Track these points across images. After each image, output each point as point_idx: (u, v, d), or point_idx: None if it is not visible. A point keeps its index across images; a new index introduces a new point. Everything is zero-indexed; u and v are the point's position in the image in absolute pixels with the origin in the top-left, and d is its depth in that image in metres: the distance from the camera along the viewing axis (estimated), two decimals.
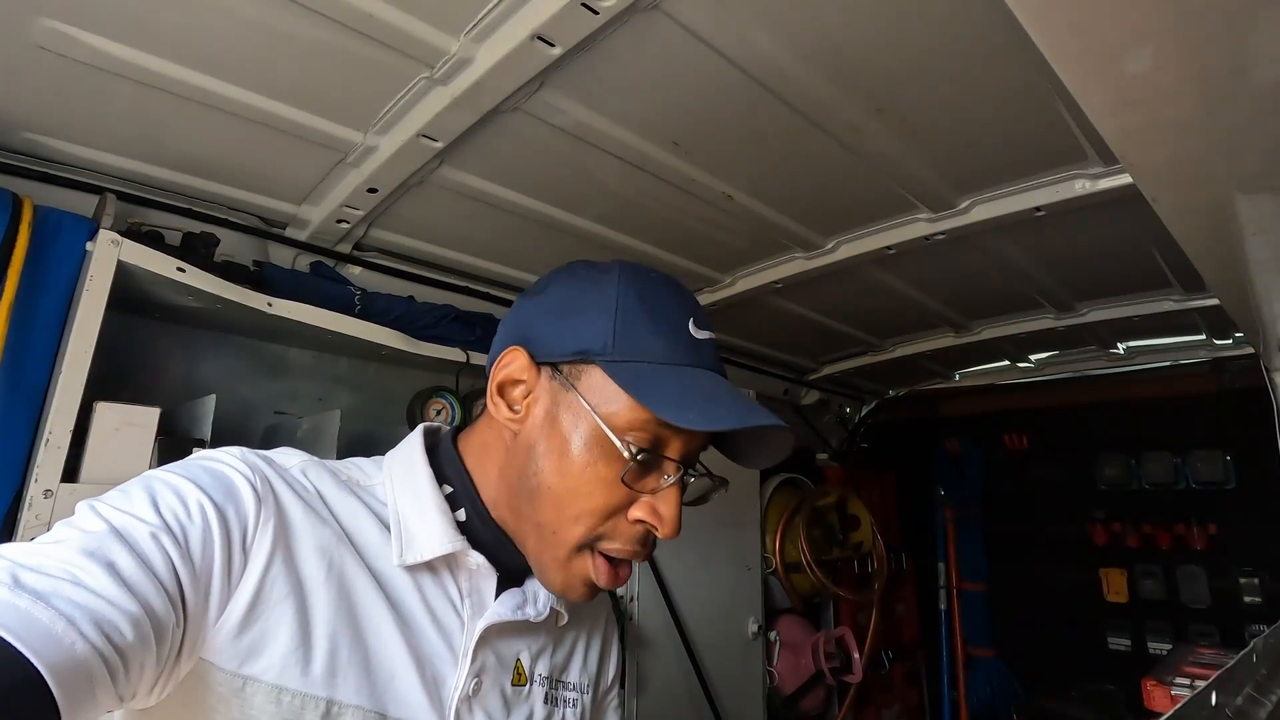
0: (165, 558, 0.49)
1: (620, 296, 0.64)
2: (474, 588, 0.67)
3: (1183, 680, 1.57)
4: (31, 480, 1.10)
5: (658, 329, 0.64)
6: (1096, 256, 1.94)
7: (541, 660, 0.73)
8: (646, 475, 0.64)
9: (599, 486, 0.62)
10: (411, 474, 0.68)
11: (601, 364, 0.62)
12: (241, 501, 0.56)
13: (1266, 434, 1.72)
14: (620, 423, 0.62)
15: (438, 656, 0.63)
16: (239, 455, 0.60)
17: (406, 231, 1.74)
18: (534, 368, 0.66)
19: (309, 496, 0.61)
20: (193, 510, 0.52)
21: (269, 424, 1.65)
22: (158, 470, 0.56)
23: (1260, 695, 0.72)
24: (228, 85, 1.18)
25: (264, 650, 0.54)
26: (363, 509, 0.64)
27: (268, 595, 0.55)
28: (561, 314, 0.66)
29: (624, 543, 0.64)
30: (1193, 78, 0.63)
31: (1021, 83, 1.20)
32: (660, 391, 0.61)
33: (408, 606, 0.62)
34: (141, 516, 0.50)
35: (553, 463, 0.63)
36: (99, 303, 1.20)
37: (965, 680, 3.61)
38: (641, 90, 1.25)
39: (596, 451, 0.62)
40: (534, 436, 0.65)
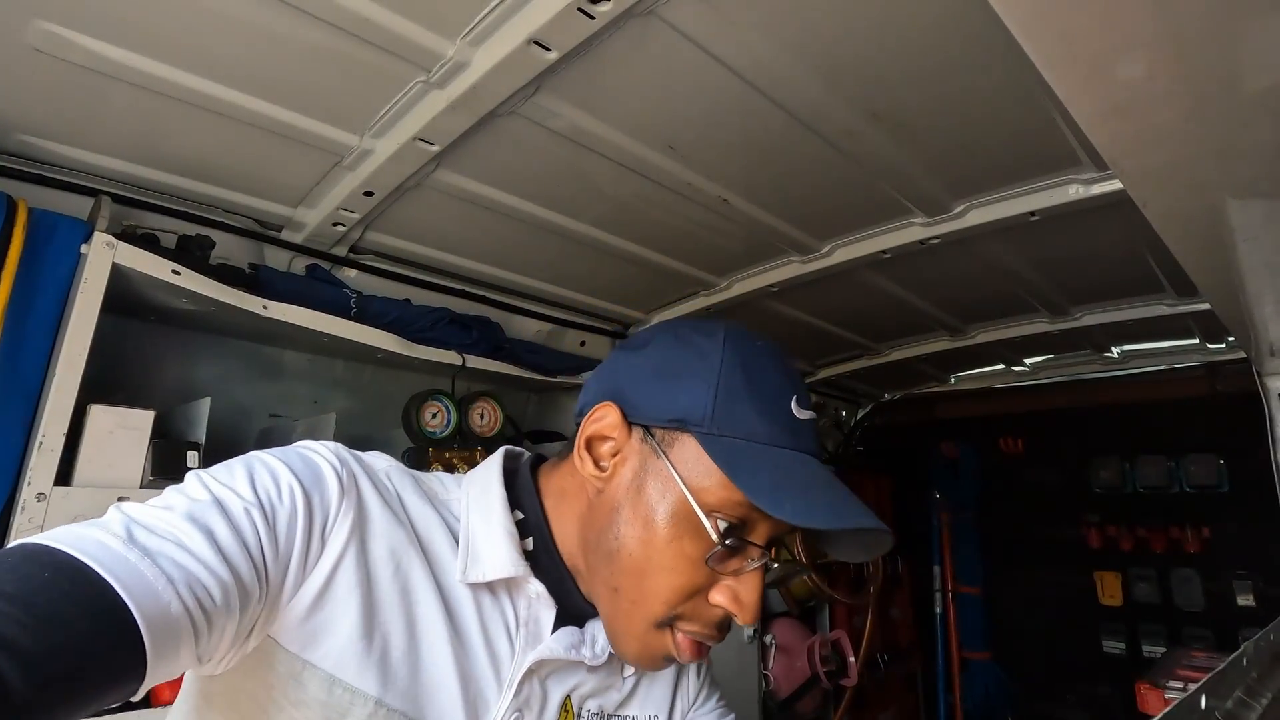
0: (255, 532, 0.51)
1: (724, 366, 0.62)
2: (532, 616, 0.66)
3: (1176, 683, 1.58)
4: (25, 483, 1.10)
5: (760, 406, 0.61)
6: (1090, 261, 1.94)
7: (594, 699, 0.70)
8: (730, 558, 0.61)
9: (682, 564, 0.60)
10: (486, 494, 0.67)
11: (697, 435, 0.60)
12: (327, 489, 0.57)
13: (1259, 438, 1.73)
14: (710, 500, 0.60)
15: (484, 680, 0.62)
16: (332, 448, 0.61)
17: (403, 234, 1.74)
18: (626, 426, 0.64)
19: (389, 497, 0.62)
20: (284, 491, 0.55)
21: (264, 427, 1.65)
22: (259, 451, 0.58)
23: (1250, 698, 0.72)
24: (224, 88, 1.18)
25: (326, 638, 0.55)
26: (437, 520, 0.65)
27: (337, 584, 0.56)
28: (662, 375, 0.64)
29: (702, 625, 0.63)
30: (1183, 85, 0.64)
31: (1015, 88, 1.20)
32: (757, 474, 0.58)
33: (464, 623, 0.62)
34: (239, 491, 0.53)
35: (636, 531, 0.62)
36: (93, 305, 1.19)
37: (961, 684, 3.61)
38: (637, 94, 1.25)
39: (684, 527, 0.60)
40: (619, 498, 0.63)
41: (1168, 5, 0.53)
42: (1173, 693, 1.56)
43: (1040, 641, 3.52)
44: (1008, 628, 3.63)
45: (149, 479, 1.23)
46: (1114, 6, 0.52)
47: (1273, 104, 0.65)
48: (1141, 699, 1.59)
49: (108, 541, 0.45)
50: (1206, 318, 2.24)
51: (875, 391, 3.57)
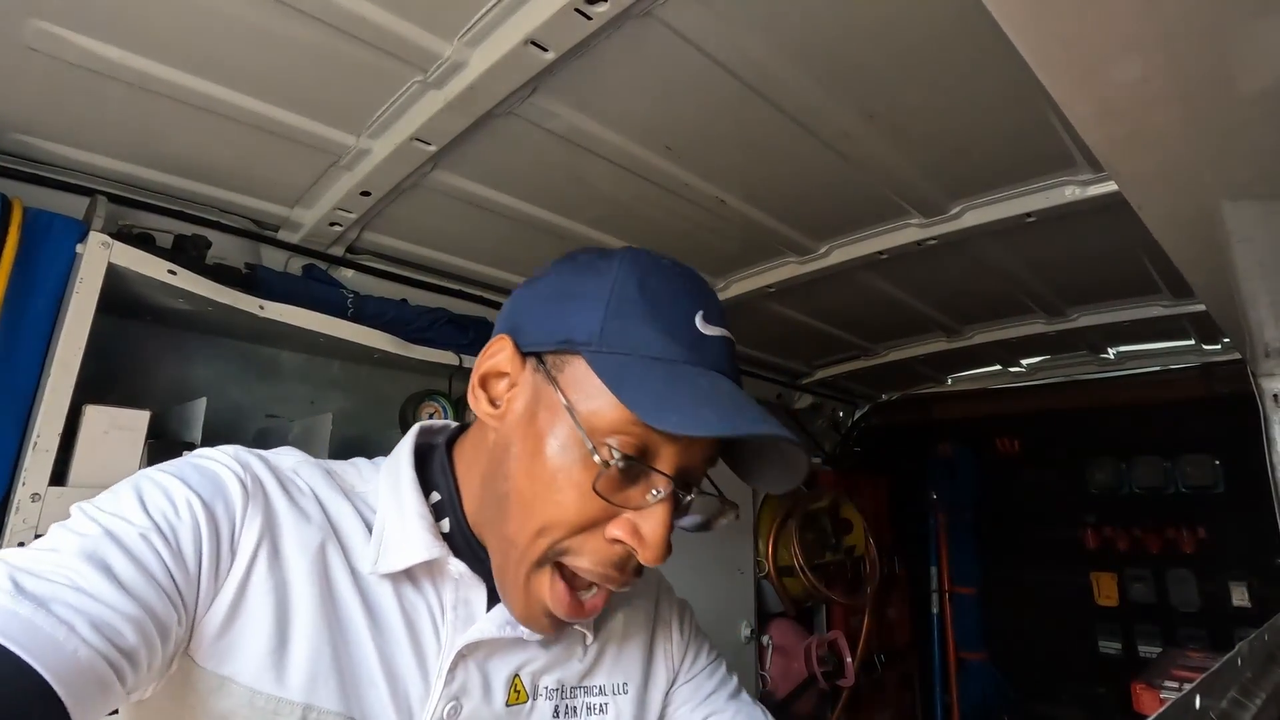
0: (157, 557, 0.49)
1: (618, 282, 0.58)
2: (461, 599, 0.61)
3: (1172, 684, 1.58)
4: (19, 484, 1.09)
5: (656, 320, 0.56)
6: (1086, 262, 1.95)
7: (550, 674, 0.65)
8: (630, 487, 0.56)
9: (572, 494, 0.55)
10: (397, 479, 0.63)
11: (586, 354, 0.56)
12: (229, 496, 0.54)
13: (1254, 438, 1.73)
14: (601, 424, 0.54)
15: (409, 675, 0.58)
16: (231, 453, 0.58)
17: (399, 235, 1.74)
18: (519, 358, 0.60)
19: (300, 495, 0.59)
20: (180, 508, 0.52)
21: (260, 427, 1.65)
22: (147, 470, 0.55)
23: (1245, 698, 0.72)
24: (220, 87, 1.18)
25: (242, 649, 0.52)
26: (351, 512, 0.61)
27: (250, 592, 0.53)
28: (555, 299, 0.60)
29: (594, 562, 0.56)
30: (1178, 87, 0.64)
31: (1012, 89, 1.21)
32: (643, 388, 0.53)
33: (386, 617, 0.58)
34: (130, 518, 0.50)
35: (524, 464, 0.57)
36: (89, 305, 1.19)
37: (957, 684, 3.62)
38: (635, 95, 1.26)
39: (574, 455, 0.55)
40: (511, 435, 0.59)
41: (1162, 8, 0.53)
42: (1168, 693, 1.57)
43: (1036, 642, 3.53)
44: (1004, 628, 3.64)
45: None
46: (1109, 9, 0.53)
47: (1267, 106, 0.65)
48: (1137, 699, 1.60)
49: None
50: (1202, 319, 2.25)
51: (872, 392, 3.58)
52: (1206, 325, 2.35)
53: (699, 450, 0.57)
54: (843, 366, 3.06)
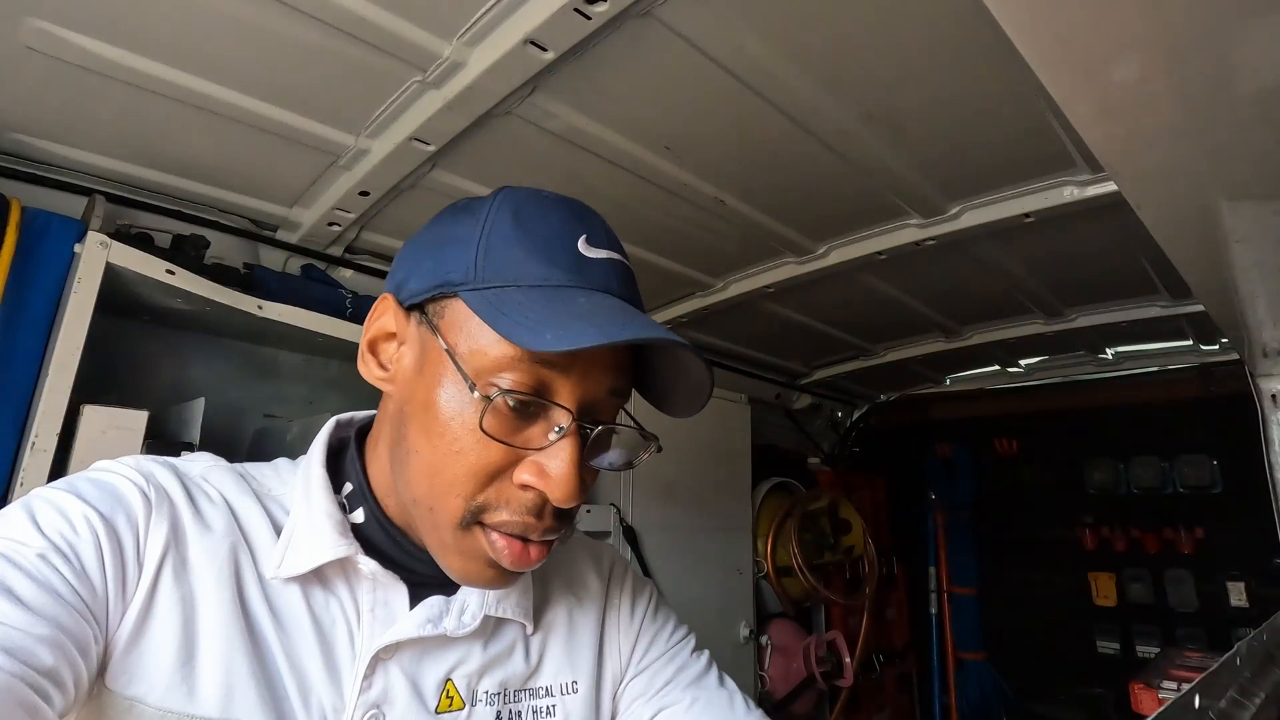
0: (60, 576, 0.46)
1: (491, 217, 0.54)
2: (379, 600, 0.57)
3: (1170, 683, 1.58)
4: (17, 484, 1.09)
5: (532, 248, 0.53)
6: (1085, 262, 1.95)
7: (489, 676, 0.61)
8: (529, 427, 0.52)
9: (469, 443, 0.51)
10: (305, 475, 0.60)
11: (462, 294, 0.52)
12: (131, 508, 0.51)
13: (1252, 439, 1.73)
14: (486, 363, 0.51)
15: (321, 686, 0.54)
16: (131, 463, 0.55)
17: (398, 234, 1.74)
18: (404, 315, 0.57)
19: (206, 502, 0.56)
20: (78, 525, 0.48)
21: (258, 427, 1.64)
22: (40, 489, 0.51)
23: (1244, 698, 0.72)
24: (219, 87, 1.18)
25: (147, 669, 0.49)
26: (261, 516, 0.58)
27: (157, 606, 0.50)
28: (431, 248, 0.57)
29: (511, 512, 0.52)
30: (1178, 87, 0.64)
31: (1010, 90, 1.21)
32: (521, 315, 0.49)
33: (293, 623, 0.55)
34: (24, 539, 0.46)
35: (419, 422, 0.53)
36: (87, 305, 1.19)
37: (955, 684, 3.62)
38: (634, 95, 1.26)
39: (464, 401, 0.51)
40: (404, 395, 0.55)
41: (1162, 7, 0.53)
42: (1166, 693, 1.57)
43: (1035, 642, 3.53)
44: (1002, 628, 3.64)
45: None
46: (1109, 8, 0.53)
47: (1266, 106, 0.65)
48: (1135, 699, 1.60)
49: None
50: (1200, 319, 2.25)
51: (871, 393, 3.58)
52: (1204, 325, 2.36)
53: (599, 381, 0.54)
54: (841, 367, 3.06)
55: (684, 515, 2.29)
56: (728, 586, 2.43)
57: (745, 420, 2.62)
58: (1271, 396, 1.68)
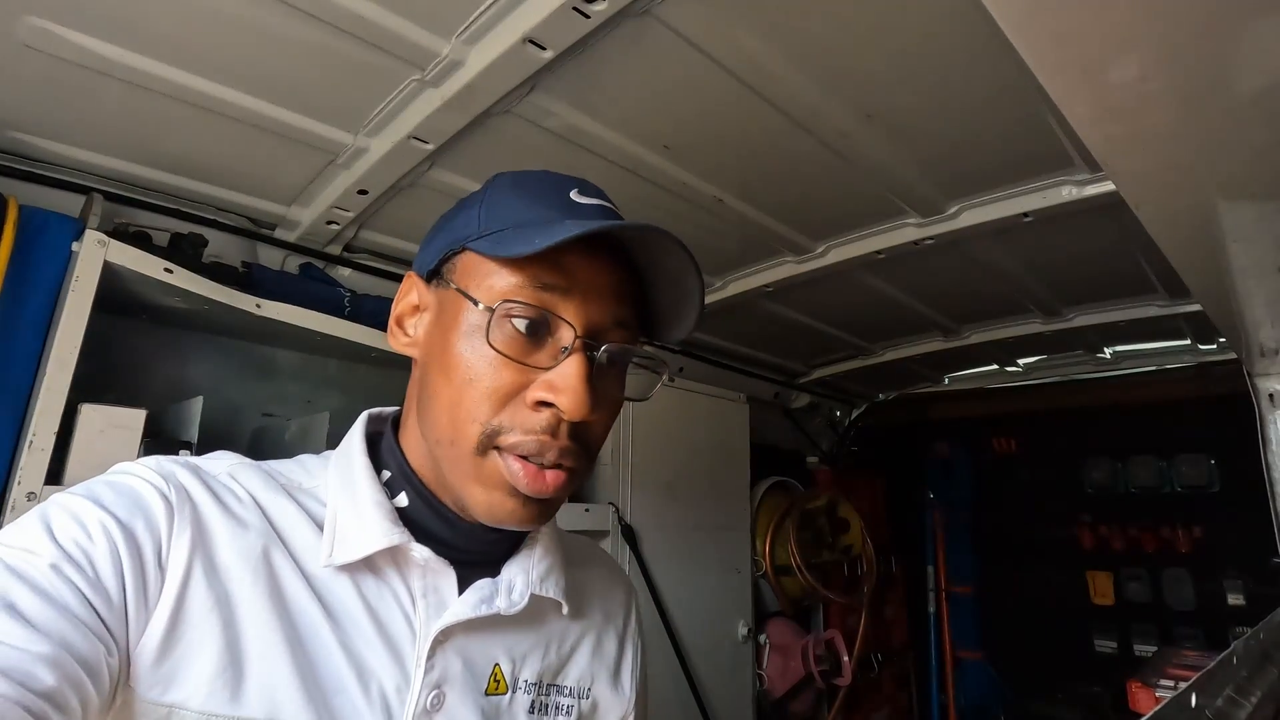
0: (71, 588, 0.45)
1: (492, 186, 0.61)
2: (430, 586, 0.59)
3: (1167, 682, 1.59)
4: (15, 483, 1.09)
5: (528, 198, 0.58)
6: (1083, 262, 1.95)
7: (529, 663, 0.64)
8: (538, 349, 0.56)
9: (483, 368, 0.55)
10: (349, 465, 0.61)
11: (469, 245, 0.57)
12: (151, 513, 0.51)
13: (1250, 438, 1.74)
14: (493, 295, 0.55)
15: (384, 670, 0.55)
16: (152, 464, 0.55)
17: (397, 233, 1.74)
18: (425, 286, 0.62)
19: (234, 501, 0.56)
20: (94, 532, 0.48)
21: (257, 426, 1.64)
22: (56, 495, 0.51)
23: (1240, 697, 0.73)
24: (217, 86, 1.18)
25: (187, 674, 0.49)
26: (296, 510, 0.58)
27: (189, 611, 0.50)
28: (442, 227, 0.63)
29: (524, 431, 0.54)
30: (1176, 87, 0.64)
31: (1009, 90, 1.21)
32: (516, 240, 0.54)
33: (348, 614, 0.56)
34: (36, 550, 0.46)
35: (439, 366, 0.57)
36: (85, 303, 1.19)
37: (954, 683, 3.63)
38: (633, 94, 1.25)
39: (475, 334, 0.55)
40: (426, 352, 0.60)
41: (1160, 8, 0.53)
42: (1164, 691, 1.57)
43: (1033, 641, 3.54)
44: (1000, 627, 3.64)
45: None
46: (1106, 9, 0.53)
47: (1264, 106, 0.66)
48: (1133, 697, 1.60)
49: None
50: (1198, 319, 2.26)
51: (869, 392, 3.58)
52: (1202, 325, 2.36)
53: (601, 308, 0.57)
54: (840, 366, 3.06)
55: (682, 514, 2.29)
56: (726, 585, 2.44)
57: (744, 419, 2.62)
58: (1269, 396, 1.69)
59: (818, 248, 1.91)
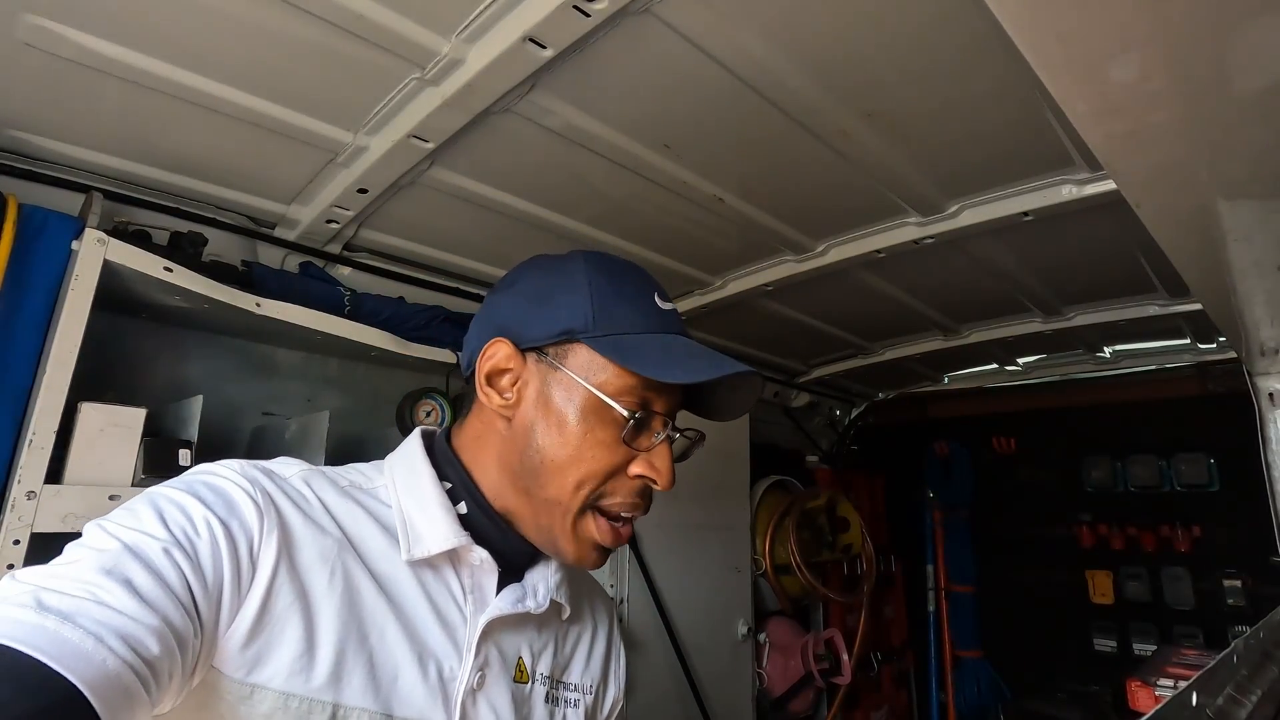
0: (178, 572, 0.51)
1: (591, 280, 0.69)
2: (476, 584, 0.69)
3: (1166, 681, 1.59)
4: (15, 481, 1.09)
5: (630, 305, 0.69)
6: (1083, 261, 1.95)
7: (543, 659, 0.74)
8: (640, 435, 0.68)
9: (599, 450, 0.67)
10: (413, 473, 0.70)
11: (585, 340, 0.67)
12: (244, 516, 0.57)
13: (1249, 437, 1.74)
14: (611, 390, 0.66)
15: (442, 651, 0.64)
16: (238, 469, 0.61)
17: (397, 232, 1.74)
18: (519, 355, 0.69)
19: (309, 506, 0.63)
20: (199, 525, 0.54)
21: (256, 425, 1.64)
22: (159, 487, 0.57)
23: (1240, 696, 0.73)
24: (217, 84, 1.18)
25: (270, 658, 0.56)
26: (364, 513, 0.66)
27: (274, 604, 0.57)
28: (539, 302, 0.70)
29: (624, 496, 0.69)
30: (1177, 86, 0.64)
31: (1009, 88, 1.21)
32: (643, 356, 0.66)
33: (411, 604, 0.64)
34: (152, 533, 0.52)
35: (553, 437, 0.67)
36: (84, 302, 1.18)
37: (953, 682, 3.63)
38: (633, 93, 1.25)
39: (593, 419, 0.67)
40: (530, 417, 0.69)
41: (1161, 8, 0.53)
42: (1163, 690, 1.57)
43: (1032, 639, 3.54)
44: (1000, 626, 3.64)
45: (140, 477, 1.22)
46: (1108, 8, 0.53)
47: (1265, 105, 0.66)
48: (1132, 696, 1.60)
49: (19, 616, 0.43)
50: (1198, 318, 2.26)
51: (869, 390, 3.58)
52: (1202, 324, 2.36)
53: (677, 399, 0.71)
54: (840, 365, 3.06)
55: (682, 513, 2.29)
56: (726, 584, 2.44)
57: (744, 418, 2.62)
58: (1269, 395, 1.69)
59: (818, 246, 1.91)
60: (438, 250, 1.84)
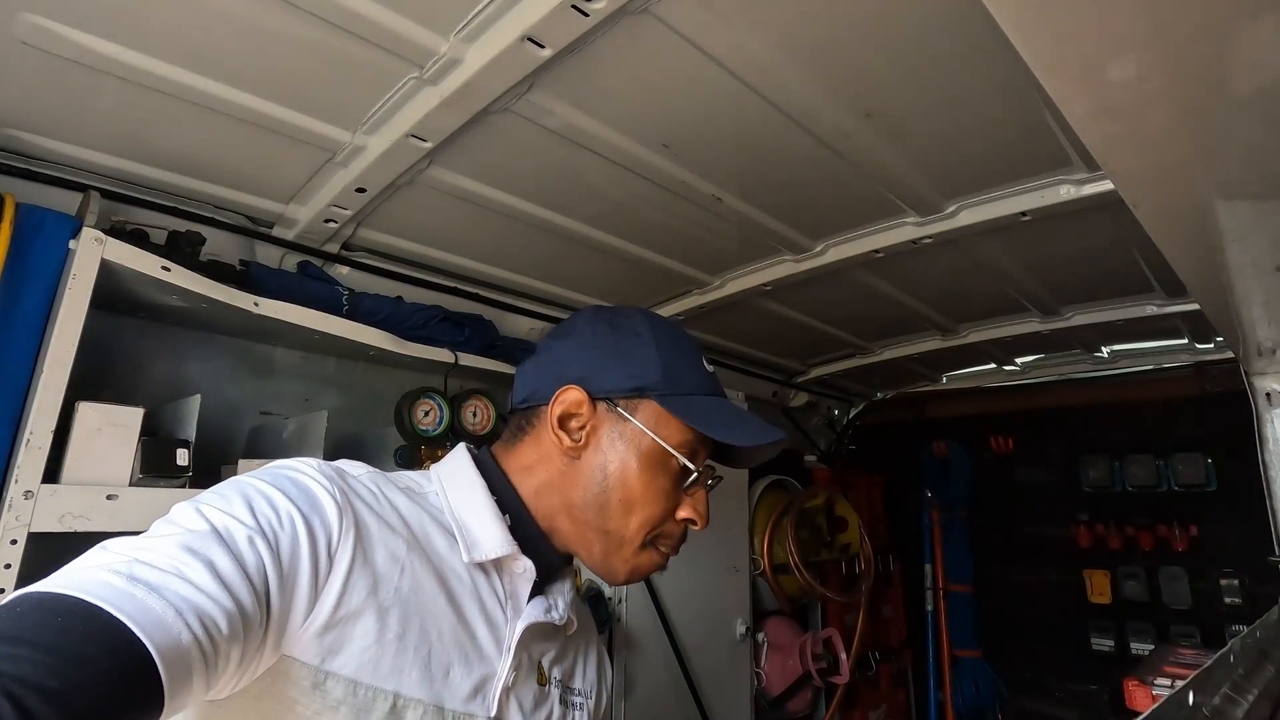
0: (258, 560, 0.54)
1: (659, 343, 0.78)
2: (513, 590, 0.74)
3: (1163, 680, 1.59)
4: (12, 481, 1.08)
5: (691, 368, 0.79)
6: (1081, 261, 1.96)
7: (558, 666, 0.81)
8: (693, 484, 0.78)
9: (660, 496, 0.76)
10: (467, 484, 0.76)
11: (655, 398, 0.76)
12: (325, 513, 0.61)
13: (1247, 437, 1.74)
14: (673, 443, 0.76)
15: (487, 649, 0.69)
16: (317, 468, 0.64)
17: (395, 231, 1.73)
18: (590, 403, 0.76)
19: (381, 506, 0.67)
20: (284, 518, 0.58)
21: (254, 424, 1.64)
22: (247, 477, 0.61)
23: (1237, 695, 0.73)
24: (214, 83, 1.17)
25: (345, 647, 0.60)
26: (426, 515, 0.71)
27: (349, 598, 0.60)
28: (612, 356, 0.78)
29: (673, 540, 0.79)
30: (1174, 86, 0.64)
31: (1008, 89, 1.21)
32: (709, 417, 0.76)
33: (467, 603, 0.69)
34: (241, 519, 0.55)
35: (620, 480, 0.75)
36: (82, 301, 1.18)
37: (951, 681, 3.63)
38: (631, 92, 1.25)
39: (657, 469, 0.75)
40: (597, 460, 0.76)
41: (1159, 8, 0.53)
42: (1161, 689, 1.57)
43: (1030, 639, 3.54)
44: (998, 625, 3.65)
45: (138, 476, 1.22)
46: (1106, 9, 0.53)
47: (1262, 105, 0.66)
48: (1130, 696, 1.60)
49: (112, 581, 0.46)
50: (1195, 318, 2.26)
51: (867, 390, 3.59)
52: (1200, 324, 2.37)
53: (711, 449, 0.80)
54: (838, 365, 3.07)
55: None
56: (724, 584, 2.44)
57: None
58: (1266, 395, 1.69)
59: (816, 246, 1.91)
60: (436, 250, 1.84)
